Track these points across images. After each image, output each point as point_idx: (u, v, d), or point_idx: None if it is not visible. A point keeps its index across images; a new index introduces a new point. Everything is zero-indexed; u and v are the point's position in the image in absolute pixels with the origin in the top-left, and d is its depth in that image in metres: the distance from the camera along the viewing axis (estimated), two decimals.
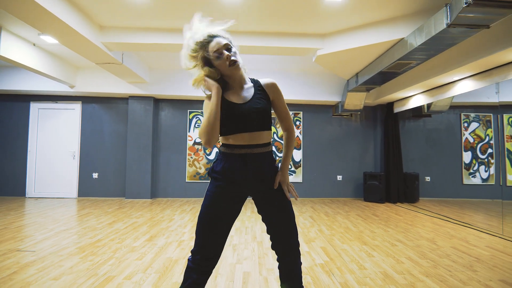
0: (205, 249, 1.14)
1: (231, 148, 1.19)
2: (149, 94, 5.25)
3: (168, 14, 3.20)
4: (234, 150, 1.19)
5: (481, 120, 5.87)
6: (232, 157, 1.19)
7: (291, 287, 1.22)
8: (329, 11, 3.10)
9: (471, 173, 5.75)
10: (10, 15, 3.25)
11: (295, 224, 1.22)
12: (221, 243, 1.18)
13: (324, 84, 5.36)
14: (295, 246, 1.21)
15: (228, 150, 1.20)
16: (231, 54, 1.14)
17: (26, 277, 1.93)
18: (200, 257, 1.13)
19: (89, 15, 3.23)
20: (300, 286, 1.23)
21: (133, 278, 1.95)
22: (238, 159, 1.18)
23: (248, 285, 1.87)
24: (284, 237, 1.20)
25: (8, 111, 5.40)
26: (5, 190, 5.31)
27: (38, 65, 4.15)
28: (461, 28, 2.46)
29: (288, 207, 1.21)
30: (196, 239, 1.16)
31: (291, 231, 1.21)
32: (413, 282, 1.92)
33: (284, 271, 1.22)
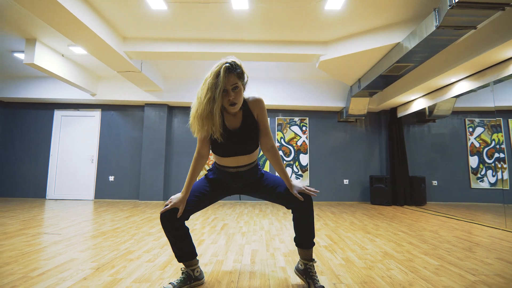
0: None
1: (223, 167, 1.48)
2: (164, 102, 5.61)
3: (184, 25, 3.56)
4: (225, 169, 1.48)
5: (486, 125, 5.95)
6: (223, 173, 1.50)
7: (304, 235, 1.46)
8: (329, 19, 3.40)
9: (479, 177, 5.76)
10: (44, 29, 3.69)
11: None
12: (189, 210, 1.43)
13: (328, 91, 5.61)
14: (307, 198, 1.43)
15: (219, 167, 1.50)
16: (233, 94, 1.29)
17: (56, 250, 2.15)
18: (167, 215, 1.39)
19: (114, 27, 3.63)
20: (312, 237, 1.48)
21: (151, 252, 2.14)
22: (228, 174, 1.49)
23: (256, 258, 2.03)
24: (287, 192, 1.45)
25: (34, 118, 5.84)
26: (27, 192, 5.64)
27: (65, 74, 4.57)
28: (449, 30, 2.69)
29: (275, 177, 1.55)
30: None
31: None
32: (412, 258, 2.04)
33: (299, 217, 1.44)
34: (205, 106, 1.26)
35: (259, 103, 1.42)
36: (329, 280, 1.62)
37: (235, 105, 1.31)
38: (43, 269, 1.73)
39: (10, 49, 4.30)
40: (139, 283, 1.54)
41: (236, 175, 1.48)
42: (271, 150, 1.47)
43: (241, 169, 1.46)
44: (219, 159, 1.47)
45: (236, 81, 1.29)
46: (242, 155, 1.43)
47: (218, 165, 1.50)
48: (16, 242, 2.34)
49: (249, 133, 1.40)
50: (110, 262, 1.89)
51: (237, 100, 1.31)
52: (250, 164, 1.47)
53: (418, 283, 1.57)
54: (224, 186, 1.53)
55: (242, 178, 1.49)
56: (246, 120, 1.41)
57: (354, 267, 1.85)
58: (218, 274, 1.71)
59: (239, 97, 1.31)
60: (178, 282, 1.45)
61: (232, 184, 1.52)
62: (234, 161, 1.44)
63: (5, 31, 3.77)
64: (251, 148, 1.44)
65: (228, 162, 1.44)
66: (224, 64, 1.27)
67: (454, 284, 1.57)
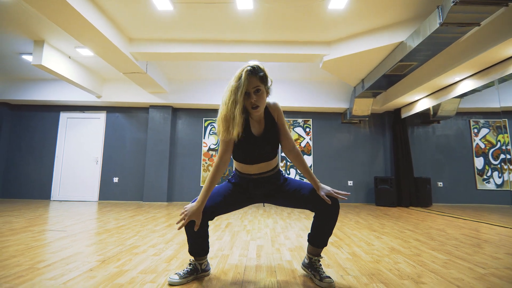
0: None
1: (244, 174, 1.46)
2: (168, 103, 5.66)
3: (190, 26, 3.62)
4: (246, 176, 1.46)
5: (491, 126, 5.91)
6: (244, 179, 1.47)
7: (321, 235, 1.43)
8: (332, 19, 3.43)
9: (485, 179, 5.70)
10: (52, 30, 3.76)
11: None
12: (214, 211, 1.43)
13: (331, 92, 5.62)
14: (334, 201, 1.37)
15: (241, 174, 1.47)
16: (255, 97, 1.29)
17: (61, 245, 2.15)
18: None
19: (120, 28, 3.69)
20: (328, 238, 1.45)
21: (157, 247, 2.13)
22: (251, 181, 1.46)
23: (261, 253, 2.02)
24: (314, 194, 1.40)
25: (40, 120, 5.91)
26: (32, 193, 5.67)
27: (72, 76, 4.64)
28: (453, 27, 2.71)
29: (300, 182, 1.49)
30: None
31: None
32: (419, 253, 2.02)
33: (322, 219, 1.39)
34: (229, 108, 1.28)
35: (278, 106, 1.43)
36: (336, 272, 1.60)
37: (257, 108, 1.30)
38: (49, 261, 1.73)
39: (18, 51, 4.38)
40: (145, 274, 1.54)
41: (258, 182, 1.45)
42: (293, 151, 1.45)
43: (263, 175, 1.44)
44: (240, 167, 1.45)
45: (258, 84, 1.29)
46: (263, 162, 1.41)
47: (240, 172, 1.48)
48: (22, 237, 2.35)
49: (271, 138, 1.40)
50: (115, 255, 1.89)
51: (259, 102, 1.30)
52: (272, 170, 1.45)
53: (427, 275, 1.55)
54: (247, 192, 1.49)
55: (264, 184, 1.46)
56: (268, 125, 1.40)
57: (361, 260, 1.83)
58: (224, 266, 1.70)
59: (261, 100, 1.30)
60: (184, 273, 1.44)
61: (254, 191, 1.48)
62: (256, 168, 1.42)
63: (14, 33, 3.85)
64: (272, 154, 1.43)
65: (250, 169, 1.43)
66: (246, 68, 1.29)
67: (463, 276, 1.54)
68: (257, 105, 1.30)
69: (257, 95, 1.30)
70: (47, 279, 1.44)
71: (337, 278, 1.49)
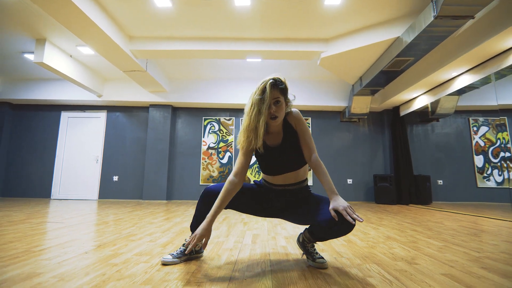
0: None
1: (270, 184, 1.44)
2: (168, 102, 5.71)
3: (188, 23, 3.67)
4: (273, 186, 1.44)
5: (490, 124, 5.91)
6: (269, 189, 1.45)
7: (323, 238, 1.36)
8: (329, 15, 3.47)
9: (485, 176, 5.68)
10: (53, 29, 3.83)
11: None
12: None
13: (330, 90, 5.65)
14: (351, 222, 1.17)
15: (268, 184, 1.46)
16: (274, 108, 1.29)
17: (58, 233, 2.16)
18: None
19: (121, 26, 3.75)
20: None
21: (153, 235, 2.14)
22: (274, 192, 1.44)
23: (257, 240, 2.02)
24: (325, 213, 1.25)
25: (41, 119, 5.96)
26: (32, 192, 5.70)
27: (73, 74, 4.70)
28: (447, 20, 2.73)
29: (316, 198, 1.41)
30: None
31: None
32: (415, 241, 2.01)
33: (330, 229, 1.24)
34: (252, 119, 1.29)
35: (297, 115, 1.41)
36: (330, 255, 1.60)
37: (276, 118, 1.31)
38: (45, 246, 1.75)
39: (20, 50, 4.45)
40: (140, 256, 1.55)
41: (282, 193, 1.42)
42: (314, 161, 1.36)
43: (288, 188, 1.41)
44: (266, 177, 1.46)
45: (278, 96, 1.31)
46: (288, 172, 1.39)
47: (266, 182, 1.48)
48: (20, 228, 2.37)
49: (291, 147, 1.38)
50: (112, 241, 1.90)
51: (278, 113, 1.31)
52: (298, 183, 1.41)
53: (421, 258, 1.55)
54: (268, 200, 1.46)
55: (286, 196, 1.42)
56: (287, 135, 1.39)
57: (355, 246, 1.83)
58: (218, 250, 1.71)
59: (280, 111, 1.31)
60: (178, 253, 1.45)
61: (275, 201, 1.45)
62: (281, 179, 1.40)
63: (15, 32, 3.92)
64: (296, 165, 1.39)
65: (275, 180, 1.42)
66: (269, 80, 1.31)
67: (458, 259, 1.54)
68: (276, 116, 1.31)
69: (277, 106, 1.31)
70: (42, 259, 1.45)
71: (330, 260, 1.49)
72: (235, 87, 5.65)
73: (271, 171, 1.41)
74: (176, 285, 1.12)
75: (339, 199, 1.22)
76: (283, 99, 1.33)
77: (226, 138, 5.90)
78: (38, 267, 1.33)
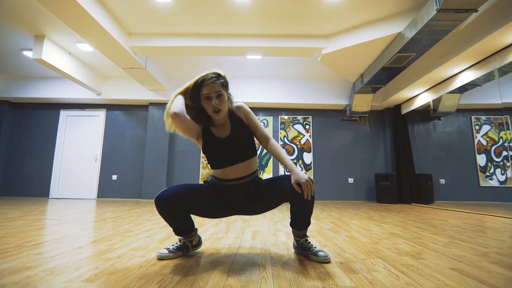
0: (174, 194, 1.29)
1: (220, 180, 1.36)
2: (168, 100, 5.63)
3: (188, 19, 3.63)
4: (223, 182, 1.36)
5: (492, 123, 5.85)
6: (221, 186, 1.38)
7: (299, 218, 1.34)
8: (329, 11, 3.43)
9: (488, 175, 5.62)
10: (52, 25, 3.79)
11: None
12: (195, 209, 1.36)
13: (331, 88, 5.61)
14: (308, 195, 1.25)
15: (218, 181, 1.38)
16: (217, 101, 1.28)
17: (54, 230, 2.11)
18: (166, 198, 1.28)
19: (120, 22, 3.71)
20: (307, 221, 1.36)
21: (150, 231, 2.09)
22: (227, 189, 1.37)
23: (257, 236, 1.97)
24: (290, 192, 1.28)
25: (40, 118, 5.92)
26: (31, 192, 5.64)
27: (72, 72, 4.66)
28: (450, 13, 2.69)
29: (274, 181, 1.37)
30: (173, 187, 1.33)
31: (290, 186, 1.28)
32: (420, 237, 1.96)
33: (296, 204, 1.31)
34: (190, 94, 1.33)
35: (245, 108, 1.42)
36: (332, 250, 1.55)
37: (219, 111, 1.29)
38: (38, 241, 1.70)
39: (19, 47, 4.42)
40: (135, 251, 1.49)
41: (237, 188, 1.36)
42: (271, 145, 1.39)
43: (241, 181, 1.35)
44: (217, 172, 1.37)
45: (220, 89, 1.29)
46: (239, 163, 1.33)
47: (217, 178, 1.38)
48: (15, 224, 2.32)
49: (240, 136, 1.35)
50: (108, 237, 1.85)
51: (221, 106, 1.29)
52: (250, 175, 1.37)
53: (427, 253, 1.49)
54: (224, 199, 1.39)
55: (242, 189, 1.37)
56: (235, 125, 1.37)
57: (358, 242, 1.77)
58: (217, 246, 1.65)
59: (223, 104, 1.30)
60: (174, 248, 1.40)
61: (233, 199, 1.38)
62: (232, 172, 1.34)
63: (14, 28, 3.88)
64: (246, 155, 1.35)
65: (226, 174, 1.35)
66: (209, 74, 1.30)
67: (465, 254, 1.48)
68: (219, 109, 1.29)
69: (219, 100, 1.29)
70: (34, 254, 1.40)
71: (333, 255, 1.44)
72: (234, 85, 5.60)
73: (221, 163, 1.34)
74: (171, 279, 1.07)
75: (300, 173, 1.26)
76: (225, 92, 1.32)
77: None
78: (29, 260, 1.28)
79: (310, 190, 1.22)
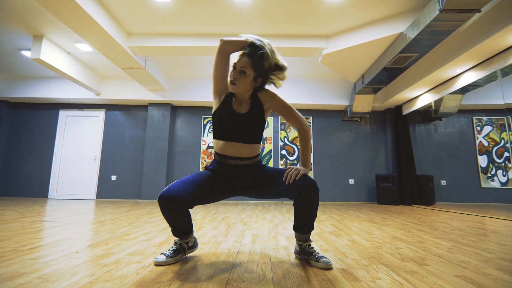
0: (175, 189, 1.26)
1: (223, 157, 1.35)
2: (167, 101, 5.63)
3: (187, 18, 3.60)
4: (225, 160, 1.34)
5: (494, 124, 5.82)
6: (223, 166, 1.36)
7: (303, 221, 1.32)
8: (330, 11, 3.40)
9: (489, 177, 5.58)
10: (51, 25, 3.76)
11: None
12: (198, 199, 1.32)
13: (332, 89, 5.57)
14: (310, 182, 1.25)
15: (220, 159, 1.36)
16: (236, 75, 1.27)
17: (50, 232, 2.08)
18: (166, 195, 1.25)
19: (119, 21, 3.68)
20: (312, 223, 1.34)
21: (148, 234, 2.06)
22: (229, 169, 1.35)
23: (257, 240, 1.94)
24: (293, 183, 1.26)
25: (39, 118, 5.89)
26: (29, 192, 5.61)
27: (71, 72, 4.63)
28: (453, 13, 2.65)
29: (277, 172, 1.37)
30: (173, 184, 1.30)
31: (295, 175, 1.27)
32: (422, 241, 1.92)
33: (300, 204, 1.28)
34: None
35: (268, 92, 1.36)
36: (334, 256, 1.52)
37: (233, 85, 1.27)
38: (35, 245, 1.66)
39: (18, 46, 4.38)
40: (132, 256, 1.46)
41: (237, 169, 1.34)
42: (302, 129, 1.36)
43: (241, 163, 1.33)
44: (219, 146, 1.34)
45: (246, 67, 1.25)
46: (242, 143, 1.31)
47: (218, 155, 1.37)
48: (11, 226, 2.29)
49: (253, 121, 1.32)
50: (105, 240, 1.82)
51: (237, 82, 1.26)
52: (251, 158, 1.34)
53: (431, 258, 1.46)
54: (226, 179, 1.37)
55: (243, 173, 1.35)
56: (253, 109, 1.33)
57: (360, 246, 1.74)
58: (216, 250, 1.62)
59: (241, 81, 1.26)
60: (170, 253, 1.36)
61: (233, 179, 1.37)
62: (233, 149, 1.31)
63: (12, 28, 3.85)
64: (251, 138, 1.32)
65: (227, 149, 1.32)
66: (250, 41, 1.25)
67: (470, 259, 1.45)
68: (234, 83, 1.26)
69: (240, 76, 1.26)
70: (30, 259, 1.37)
71: (335, 261, 1.41)
72: None
73: (224, 135, 1.32)
74: (169, 287, 1.04)
75: (306, 170, 1.30)
76: (251, 73, 1.26)
77: None
78: (23, 266, 1.25)
79: (292, 177, 1.25)
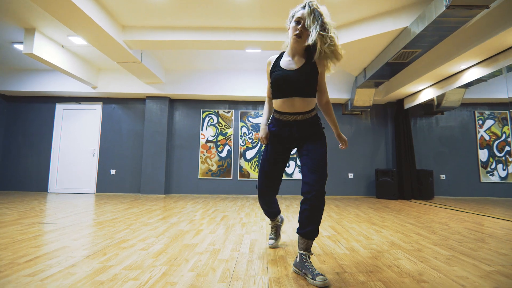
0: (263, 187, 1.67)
1: (280, 114, 1.50)
2: (165, 94, 5.53)
3: (183, 11, 3.46)
4: (282, 117, 1.49)
5: (496, 117, 5.75)
6: (280, 123, 1.51)
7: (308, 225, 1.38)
8: (332, 5, 3.26)
9: (489, 171, 5.57)
10: (43, 18, 3.62)
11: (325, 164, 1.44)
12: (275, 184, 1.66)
13: (332, 82, 5.47)
14: (322, 178, 1.38)
15: (278, 116, 1.51)
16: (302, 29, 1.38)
17: (48, 238, 2.08)
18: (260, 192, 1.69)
19: (112, 15, 3.55)
20: (317, 228, 1.39)
21: (146, 241, 2.05)
22: (286, 125, 1.49)
23: (254, 248, 1.93)
24: (316, 166, 1.39)
25: (36, 111, 5.82)
26: (29, 186, 5.63)
27: (65, 65, 4.52)
28: (460, 10, 2.54)
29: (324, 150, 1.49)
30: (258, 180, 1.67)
31: (322, 165, 1.41)
32: (420, 249, 1.92)
33: (307, 208, 1.38)
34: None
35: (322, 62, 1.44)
36: (331, 269, 1.51)
37: (300, 37, 1.38)
38: (31, 256, 1.66)
39: (10, 40, 4.25)
40: (129, 270, 1.45)
41: (294, 124, 1.47)
42: (325, 105, 1.54)
43: (298, 117, 1.45)
44: (276, 103, 1.50)
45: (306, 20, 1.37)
46: (297, 97, 1.41)
47: (276, 112, 1.52)
48: (9, 231, 2.29)
49: (306, 75, 1.41)
50: (102, 249, 1.81)
51: (303, 34, 1.37)
52: (307, 112, 1.45)
53: (429, 273, 1.46)
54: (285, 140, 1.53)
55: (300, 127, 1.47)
56: (307, 66, 1.42)
57: (358, 256, 1.74)
58: (213, 262, 1.61)
59: (306, 34, 1.37)
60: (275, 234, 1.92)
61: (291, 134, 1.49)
62: (289, 104, 1.43)
63: (4, 21, 3.71)
64: (306, 91, 1.42)
65: (284, 106, 1.45)
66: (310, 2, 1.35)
67: (468, 274, 1.44)
68: (300, 35, 1.37)
69: (305, 29, 1.37)
70: (25, 275, 1.36)
71: (332, 276, 1.40)
72: (234, 79, 5.46)
73: (281, 93, 1.45)
74: None
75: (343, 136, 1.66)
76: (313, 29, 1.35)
77: (225, 131, 5.76)
78: (19, 285, 1.24)
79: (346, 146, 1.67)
